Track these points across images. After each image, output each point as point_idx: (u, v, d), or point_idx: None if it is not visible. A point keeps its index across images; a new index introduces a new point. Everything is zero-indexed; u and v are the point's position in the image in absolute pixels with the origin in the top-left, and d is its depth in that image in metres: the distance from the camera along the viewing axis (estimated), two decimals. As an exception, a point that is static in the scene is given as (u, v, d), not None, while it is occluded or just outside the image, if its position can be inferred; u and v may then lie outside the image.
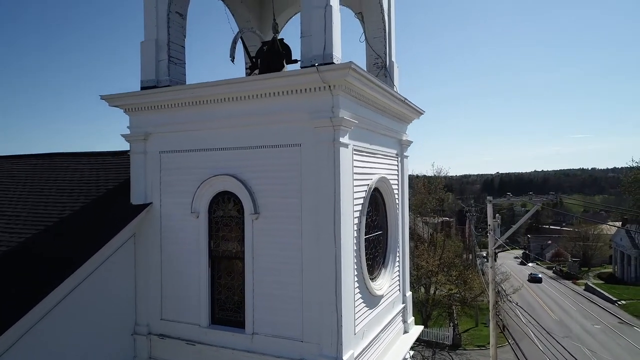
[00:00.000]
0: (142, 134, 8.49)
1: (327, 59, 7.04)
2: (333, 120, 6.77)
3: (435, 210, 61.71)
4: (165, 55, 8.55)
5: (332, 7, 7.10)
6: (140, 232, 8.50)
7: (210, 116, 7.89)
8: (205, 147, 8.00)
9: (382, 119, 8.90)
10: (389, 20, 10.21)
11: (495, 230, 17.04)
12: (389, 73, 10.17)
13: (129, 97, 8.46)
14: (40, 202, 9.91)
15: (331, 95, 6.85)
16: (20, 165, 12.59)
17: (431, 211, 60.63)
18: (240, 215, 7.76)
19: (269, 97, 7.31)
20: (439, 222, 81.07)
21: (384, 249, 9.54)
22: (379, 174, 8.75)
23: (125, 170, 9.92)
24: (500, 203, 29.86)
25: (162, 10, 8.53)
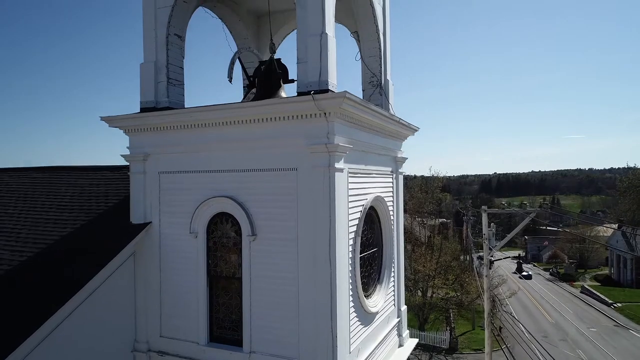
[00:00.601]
0: (142, 154, 8.65)
1: (323, 85, 7.22)
2: (328, 147, 6.95)
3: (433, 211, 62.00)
4: (164, 77, 8.71)
5: (328, 35, 7.27)
6: (140, 251, 8.65)
7: (208, 139, 8.05)
8: (203, 169, 8.16)
9: (377, 139, 9.08)
10: (384, 40, 10.39)
11: (490, 240, 17.25)
12: (384, 91, 10.35)
13: (128, 119, 8.62)
14: (40, 218, 10.06)
15: (327, 121, 7.02)
16: (19, 178, 12.72)
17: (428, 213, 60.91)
18: (238, 236, 7.93)
19: (266, 122, 7.48)
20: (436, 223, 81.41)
21: (379, 265, 9.72)
22: (374, 193, 8.93)
23: (124, 186, 10.09)
24: (497, 205, 29.72)
25: (161, 33, 8.69)
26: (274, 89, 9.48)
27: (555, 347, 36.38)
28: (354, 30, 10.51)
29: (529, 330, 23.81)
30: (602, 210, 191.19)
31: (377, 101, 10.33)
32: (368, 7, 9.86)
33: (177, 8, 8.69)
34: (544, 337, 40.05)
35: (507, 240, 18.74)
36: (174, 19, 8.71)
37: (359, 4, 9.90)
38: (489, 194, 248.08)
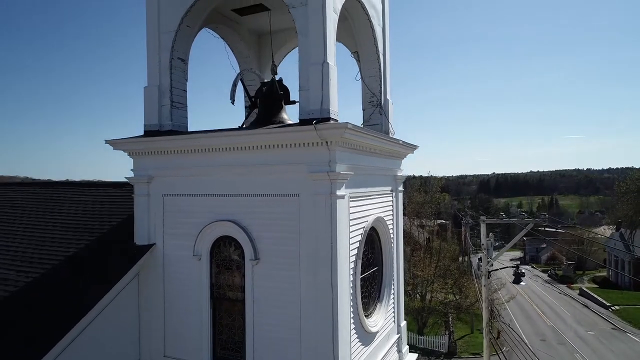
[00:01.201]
0: (146, 177, 8.79)
1: (325, 113, 7.38)
2: (330, 175, 7.10)
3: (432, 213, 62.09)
4: (168, 101, 8.86)
5: (329, 64, 7.43)
6: (144, 272, 8.79)
7: (211, 163, 8.20)
8: (206, 193, 8.30)
9: (377, 161, 9.23)
10: (384, 60, 10.54)
11: (488, 250, 17.40)
12: (383, 111, 10.50)
13: (132, 142, 8.76)
14: (45, 237, 10.19)
15: (328, 150, 7.17)
16: (23, 194, 12.85)
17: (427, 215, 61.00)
18: (241, 260, 8.08)
19: (268, 148, 7.62)
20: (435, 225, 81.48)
21: (379, 284, 9.87)
22: (375, 214, 9.09)
23: (127, 205, 10.22)
24: (495, 206, 29.74)
25: (164, 57, 8.83)
26: (276, 111, 9.64)
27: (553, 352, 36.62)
28: (354, 50, 10.65)
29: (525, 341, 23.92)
30: (600, 211, 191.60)
31: (377, 121, 10.49)
32: (368, 28, 10.01)
33: (181, 33, 8.83)
34: (542, 340, 40.29)
35: (504, 251, 18.87)
36: (178, 43, 8.85)
37: (359, 25, 10.04)
38: (488, 194, 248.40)
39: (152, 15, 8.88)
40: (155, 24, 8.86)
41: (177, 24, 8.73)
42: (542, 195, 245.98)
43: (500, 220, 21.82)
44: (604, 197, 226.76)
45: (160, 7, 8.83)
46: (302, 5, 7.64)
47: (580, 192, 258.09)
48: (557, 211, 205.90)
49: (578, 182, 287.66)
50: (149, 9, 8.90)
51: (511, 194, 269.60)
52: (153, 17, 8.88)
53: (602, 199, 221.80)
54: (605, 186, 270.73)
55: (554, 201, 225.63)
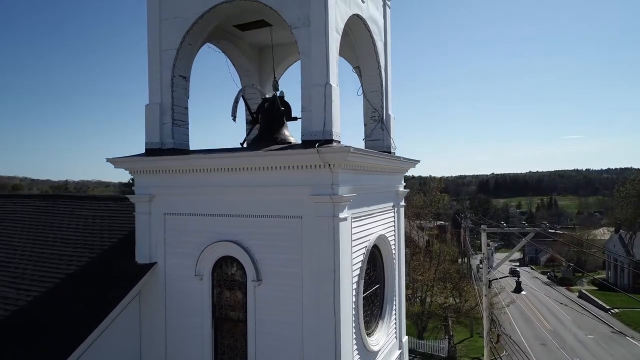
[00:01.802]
0: (147, 195, 8.75)
1: (327, 135, 7.35)
2: (333, 198, 7.07)
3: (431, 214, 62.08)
4: (169, 119, 8.82)
5: (332, 85, 7.40)
6: (145, 291, 8.75)
7: (212, 183, 8.16)
8: (208, 212, 8.27)
9: (379, 179, 9.20)
10: (386, 75, 10.51)
11: (489, 259, 17.40)
12: (385, 126, 10.47)
13: (134, 161, 8.73)
14: (45, 253, 10.15)
15: (331, 173, 7.15)
16: (23, 206, 12.81)
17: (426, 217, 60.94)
18: (243, 280, 8.05)
19: (271, 170, 7.60)
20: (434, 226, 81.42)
21: (381, 301, 9.85)
22: (377, 232, 9.06)
23: (128, 220, 10.19)
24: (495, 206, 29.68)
25: (166, 75, 8.79)
26: (277, 127, 9.63)
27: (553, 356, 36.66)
28: (355, 65, 10.63)
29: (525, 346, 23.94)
30: (599, 211, 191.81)
31: (378, 136, 10.47)
32: (370, 44, 9.98)
33: (182, 51, 8.79)
34: (542, 344, 40.32)
35: (503, 262, 18.85)
36: (179, 61, 8.82)
37: (360, 41, 10.01)
38: (487, 194, 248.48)
39: (154, 33, 8.85)
40: (157, 42, 8.82)
41: (179, 42, 8.70)
42: (541, 196, 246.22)
43: (501, 230, 21.68)
44: (603, 198, 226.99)
45: (162, 26, 8.80)
46: (304, 26, 7.61)
47: (580, 192, 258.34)
48: (556, 211, 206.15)
49: (577, 183, 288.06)
50: (150, 27, 8.87)
51: (510, 194, 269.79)
52: (154, 36, 8.84)
53: (601, 200, 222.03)
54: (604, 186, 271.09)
55: (553, 202, 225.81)
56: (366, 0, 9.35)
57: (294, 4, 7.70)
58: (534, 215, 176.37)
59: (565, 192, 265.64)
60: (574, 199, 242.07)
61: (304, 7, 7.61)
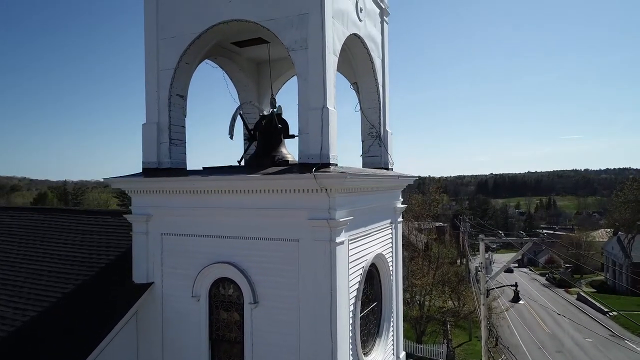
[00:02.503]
0: (144, 215, 8.74)
1: (324, 159, 7.35)
2: (330, 222, 7.07)
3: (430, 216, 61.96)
4: (167, 138, 8.81)
5: (329, 109, 7.39)
6: (142, 311, 8.73)
7: (209, 204, 8.15)
8: (205, 234, 8.26)
9: (376, 198, 9.19)
10: (384, 91, 10.50)
11: (487, 268, 17.39)
12: (383, 143, 10.47)
13: (130, 182, 8.72)
14: (43, 270, 10.13)
15: (328, 197, 7.14)
16: (20, 219, 12.78)
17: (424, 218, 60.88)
18: (240, 302, 8.04)
19: (268, 193, 7.58)
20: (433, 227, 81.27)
21: (378, 318, 9.84)
22: (374, 251, 9.06)
23: (125, 236, 10.18)
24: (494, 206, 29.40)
25: (163, 95, 8.78)
26: (275, 145, 9.63)
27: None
28: (353, 81, 10.62)
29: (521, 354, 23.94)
30: (598, 212, 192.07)
31: (376, 152, 10.46)
32: (367, 61, 9.97)
33: (180, 70, 8.78)
34: (540, 348, 40.35)
35: (500, 271, 18.87)
36: (176, 80, 8.81)
37: (358, 58, 10.01)
38: (486, 194, 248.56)
39: (151, 53, 8.83)
40: (154, 61, 8.81)
41: (176, 62, 8.69)
42: (540, 196, 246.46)
43: (499, 240, 21.69)
44: (602, 198, 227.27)
45: (159, 46, 8.78)
46: (302, 48, 7.61)
47: (578, 192, 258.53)
48: (554, 212, 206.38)
49: (576, 183, 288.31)
50: (147, 47, 8.85)
51: (509, 195, 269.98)
52: (152, 55, 8.82)
53: (599, 200, 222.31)
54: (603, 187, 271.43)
55: (552, 202, 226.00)
56: (364, 19, 9.33)
57: (291, 27, 7.69)
58: (533, 216, 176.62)
59: (564, 193, 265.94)
60: (573, 199, 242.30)
61: (301, 29, 7.60)
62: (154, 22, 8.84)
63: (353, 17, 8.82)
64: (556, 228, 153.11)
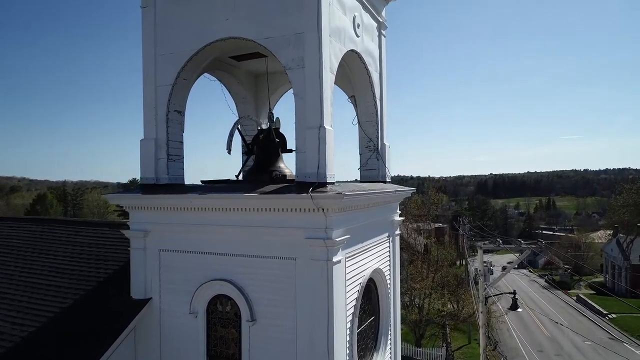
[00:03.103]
0: (142, 231, 8.76)
1: (321, 178, 7.37)
2: (326, 242, 7.09)
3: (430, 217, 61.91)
4: (164, 154, 8.83)
5: (326, 128, 7.41)
6: (140, 327, 8.74)
7: (207, 221, 8.16)
8: (203, 250, 8.28)
9: (374, 213, 9.20)
10: (381, 105, 10.53)
11: (486, 276, 17.42)
12: (380, 156, 10.49)
13: (128, 198, 8.76)
14: (41, 284, 10.15)
15: (325, 217, 7.16)
16: (18, 230, 12.80)
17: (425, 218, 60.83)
18: (238, 319, 8.06)
19: (265, 211, 7.60)
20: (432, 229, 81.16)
21: (376, 332, 9.86)
22: (372, 267, 9.08)
23: (123, 249, 10.19)
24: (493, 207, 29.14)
25: (161, 111, 8.79)
26: (273, 159, 9.68)
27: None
28: (351, 94, 10.64)
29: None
30: (597, 212, 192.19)
31: (373, 166, 10.49)
32: (365, 75, 10.00)
33: (178, 86, 8.79)
34: (539, 351, 40.41)
35: (498, 280, 18.91)
36: (174, 96, 8.82)
37: (355, 72, 10.03)
38: (485, 195, 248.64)
39: (149, 69, 8.85)
40: (152, 77, 8.82)
41: (174, 78, 8.70)
42: (540, 196, 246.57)
43: (498, 247, 21.73)
44: (601, 198, 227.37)
45: (157, 62, 8.79)
46: (299, 67, 7.63)
47: (578, 193, 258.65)
48: (554, 212, 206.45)
49: (575, 183, 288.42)
50: (145, 63, 8.87)
51: (509, 195, 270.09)
52: (149, 71, 8.84)
53: (599, 200, 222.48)
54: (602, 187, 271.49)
55: (551, 202, 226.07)
56: (361, 34, 9.35)
57: (288, 45, 7.71)
58: (532, 217, 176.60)
59: (564, 193, 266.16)
60: (572, 200, 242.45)
61: (298, 48, 7.62)
62: (152, 38, 8.85)
63: (350, 33, 8.84)
64: (555, 229, 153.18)
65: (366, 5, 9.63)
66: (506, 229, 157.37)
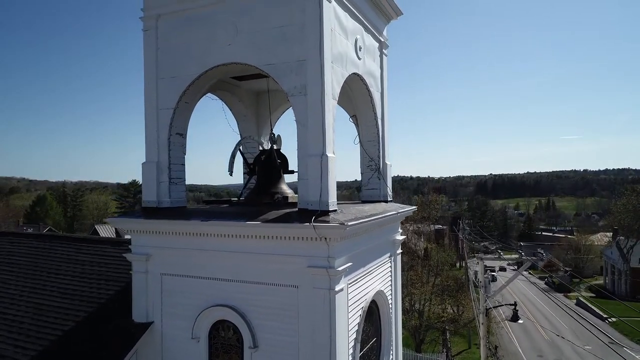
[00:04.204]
0: (144, 255, 8.75)
1: (323, 206, 7.36)
2: (329, 272, 7.08)
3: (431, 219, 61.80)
4: (166, 178, 8.82)
5: (328, 156, 7.40)
6: (142, 350, 8.72)
7: (209, 247, 8.15)
8: (205, 276, 8.26)
9: (376, 236, 9.19)
10: (382, 124, 10.52)
11: (486, 287, 17.42)
12: (382, 176, 10.49)
13: (129, 222, 8.75)
14: (42, 305, 10.14)
15: (327, 246, 7.15)
16: (20, 246, 12.79)
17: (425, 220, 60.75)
18: (240, 345, 8.05)
19: (268, 239, 7.59)
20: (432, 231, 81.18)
21: (378, 354, 9.85)
22: (374, 289, 9.08)
23: (124, 269, 10.19)
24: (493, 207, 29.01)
25: (163, 134, 8.79)
26: (275, 180, 9.71)
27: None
28: (352, 114, 10.63)
29: None
30: (597, 213, 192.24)
31: (375, 185, 10.49)
32: (366, 96, 9.99)
33: (179, 110, 8.79)
34: (539, 356, 40.45)
35: (499, 291, 18.90)
36: (176, 119, 8.81)
37: (357, 93, 10.02)
38: (485, 195, 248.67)
39: (150, 92, 8.84)
40: (154, 100, 8.82)
41: (176, 102, 8.69)
42: (539, 197, 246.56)
43: (497, 258, 21.74)
44: (601, 199, 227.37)
45: (159, 85, 8.79)
46: (300, 94, 7.62)
47: (577, 193, 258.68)
48: (553, 213, 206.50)
49: (575, 184, 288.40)
50: (146, 86, 8.86)
51: (508, 195, 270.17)
52: (151, 94, 8.83)
53: (599, 201, 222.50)
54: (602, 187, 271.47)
55: (551, 203, 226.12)
56: (363, 57, 9.35)
57: (290, 72, 7.70)
58: (532, 218, 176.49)
59: (563, 193, 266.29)
60: (572, 200, 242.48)
61: (300, 75, 7.62)
62: (153, 62, 8.84)
63: (352, 56, 8.83)
64: (555, 230, 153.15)
65: (368, 27, 9.62)
66: (506, 230, 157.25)
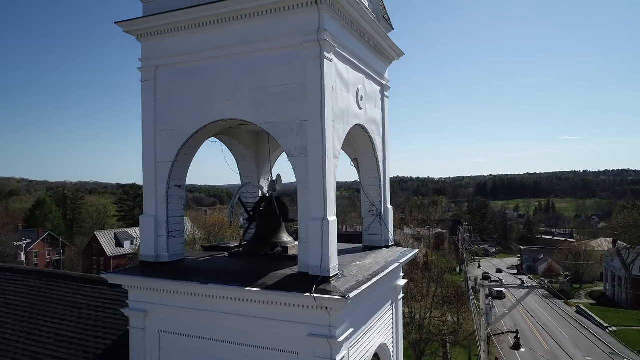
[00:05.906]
0: (142, 311, 8.59)
1: (324, 272, 7.22)
2: (330, 342, 6.92)
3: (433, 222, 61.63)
4: (165, 232, 8.66)
5: (329, 220, 7.25)
6: (140, 408, 8.60)
7: (207, 307, 7.98)
8: (204, 336, 8.10)
9: (377, 290, 8.99)
10: (384, 168, 10.37)
11: (488, 314, 17.28)
12: (383, 221, 10.33)
13: (127, 279, 8.58)
14: (39, 354, 9.97)
15: (328, 315, 6.98)
16: (16, 284, 12.62)
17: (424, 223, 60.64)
18: (240, 408, 7.89)
19: (267, 304, 7.44)
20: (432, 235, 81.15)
21: (380, 404, 9.71)
22: (376, 344, 8.93)
23: (122, 314, 10.02)
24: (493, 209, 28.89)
25: (161, 187, 8.64)
26: (275, 229, 9.56)
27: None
28: (354, 157, 10.49)
29: None
30: (597, 214, 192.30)
31: (376, 231, 10.35)
32: (368, 142, 9.85)
33: (178, 163, 8.64)
34: (540, 367, 40.28)
35: (502, 317, 18.74)
36: (175, 172, 8.67)
37: (358, 139, 9.88)
38: (485, 197, 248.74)
39: (149, 145, 8.69)
40: (152, 153, 8.66)
41: (174, 155, 8.55)
42: (539, 198, 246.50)
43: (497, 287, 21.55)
44: (601, 200, 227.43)
45: (157, 137, 8.64)
46: (301, 155, 7.47)
47: (577, 194, 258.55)
48: (553, 215, 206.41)
49: (574, 185, 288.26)
50: (145, 139, 8.70)
51: (508, 197, 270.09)
52: (149, 147, 8.68)
53: (598, 202, 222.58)
54: (601, 189, 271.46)
55: (551, 205, 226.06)
56: (364, 105, 9.19)
57: (291, 132, 7.55)
58: (532, 220, 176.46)
59: (563, 195, 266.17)
60: (572, 202, 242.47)
61: (301, 136, 7.46)
62: (152, 113, 8.68)
63: (354, 109, 8.68)
64: (555, 232, 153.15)
65: (369, 74, 9.47)
66: (506, 232, 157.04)
